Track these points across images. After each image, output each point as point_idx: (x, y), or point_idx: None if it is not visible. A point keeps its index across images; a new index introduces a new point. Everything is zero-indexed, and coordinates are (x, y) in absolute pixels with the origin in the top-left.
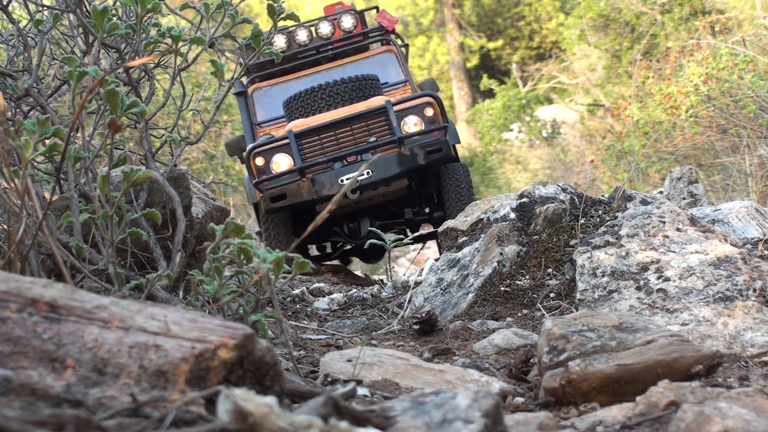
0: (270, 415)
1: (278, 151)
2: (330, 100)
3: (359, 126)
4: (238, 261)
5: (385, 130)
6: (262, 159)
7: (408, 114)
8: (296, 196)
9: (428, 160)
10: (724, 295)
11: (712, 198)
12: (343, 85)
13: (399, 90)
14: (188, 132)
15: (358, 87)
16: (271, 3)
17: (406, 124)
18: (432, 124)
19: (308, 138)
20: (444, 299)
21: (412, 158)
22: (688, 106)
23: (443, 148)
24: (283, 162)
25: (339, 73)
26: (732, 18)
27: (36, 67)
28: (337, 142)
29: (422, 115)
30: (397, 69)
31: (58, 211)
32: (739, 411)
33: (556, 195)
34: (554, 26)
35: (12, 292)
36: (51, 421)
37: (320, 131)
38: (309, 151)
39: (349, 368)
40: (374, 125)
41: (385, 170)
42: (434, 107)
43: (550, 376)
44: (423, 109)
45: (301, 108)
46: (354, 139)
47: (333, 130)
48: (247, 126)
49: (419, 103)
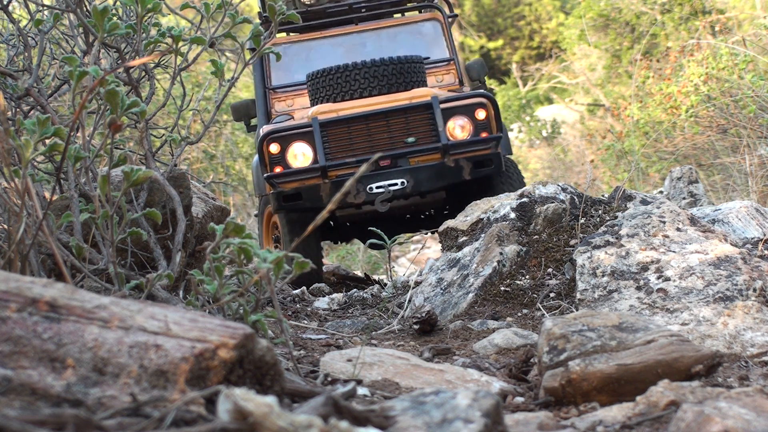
0: (270, 414)
1: (298, 138)
2: (365, 83)
3: (397, 122)
4: (239, 261)
5: (428, 130)
6: (278, 146)
7: (456, 114)
8: (314, 199)
9: (474, 176)
10: (724, 294)
11: (712, 198)
12: (382, 67)
13: (442, 70)
14: (188, 132)
15: (400, 71)
16: (271, 3)
17: (453, 126)
18: (483, 129)
19: (335, 129)
20: (444, 299)
21: (456, 171)
22: (688, 106)
23: (494, 162)
24: (302, 153)
25: (372, 39)
26: (732, 18)
27: (36, 67)
28: (369, 138)
29: (473, 117)
30: (441, 43)
31: (59, 210)
32: (739, 411)
33: (556, 195)
34: (554, 26)
35: (12, 292)
36: (51, 420)
37: (350, 123)
38: (335, 145)
39: (349, 368)
40: (415, 123)
41: (423, 182)
42: (487, 110)
43: (550, 376)
44: (474, 110)
45: (328, 88)
46: (390, 136)
47: (366, 122)
48: (260, 90)
49: (470, 102)
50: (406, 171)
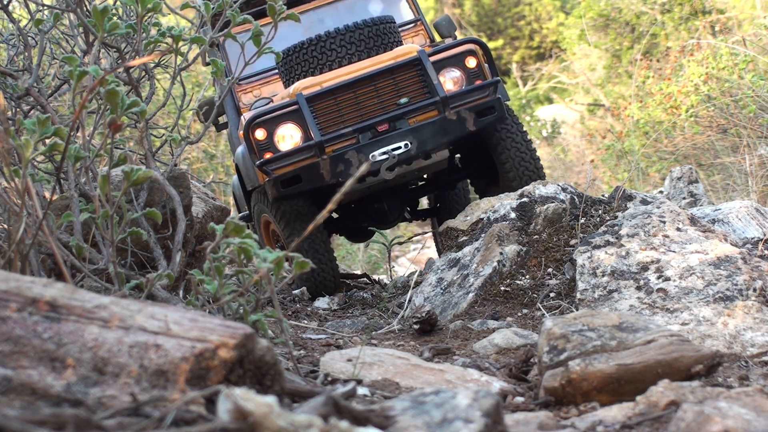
0: (270, 414)
1: (284, 120)
2: (342, 51)
3: (386, 84)
4: (239, 260)
5: (419, 88)
6: (263, 131)
7: (445, 66)
8: (314, 178)
9: (479, 125)
10: (724, 294)
11: (712, 198)
12: (357, 32)
13: (410, 32)
14: (188, 131)
15: (376, 33)
16: (271, 3)
17: (444, 80)
18: (476, 77)
19: (322, 102)
20: (444, 299)
21: (459, 124)
22: (688, 106)
23: (496, 109)
24: (290, 135)
25: (330, 13)
26: (732, 18)
27: (36, 67)
28: (358, 106)
29: (463, 66)
30: (402, 5)
31: (59, 210)
32: (739, 411)
33: (556, 194)
34: (554, 26)
35: (12, 292)
36: (51, 420)
37: (336, 93)
38: (324, 120)
39: (349, 368)
40: (404, 82)
41: (428, 140)
42: (478, 56)
43: (551, 376)
44: (464, 59)
45: (303, 63)
46: (379, 101)
47: (353, 90)
48: None
49: (460, 51)
50: (407, 132)
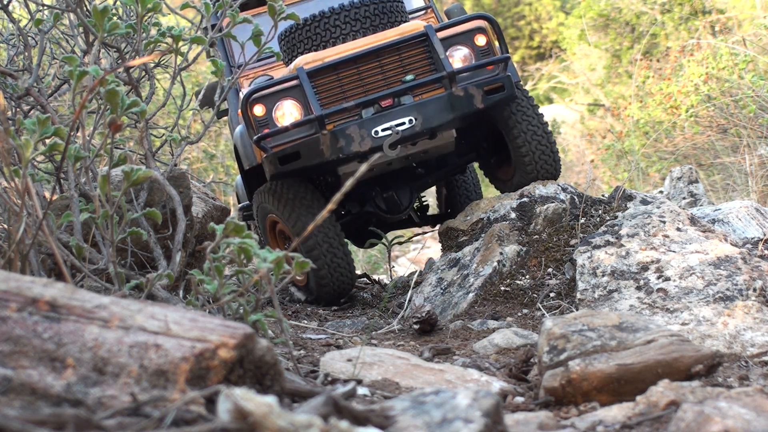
0: (270, 414)
1: (284, 96)
2: (347, 28)
3: (391, 60)
4: (239, 260)
5: (426, 65)
6: (262, 107)
7: (453, 44)
8: (314, 154)
9: (487, 103)
10: (724, 294)
11: (713, 198)
12: (363, 8)
13: (420, 18)
14: (188, 131)
15: (382, 11)
16: (271, 3)
17: (452, 56)
18: (485, 55)
19: (324, 77)
20: (444, 299)
21: (466, 101)
22: (688, 106)
23: (506, 86)
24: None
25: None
26: (732, 18)
27: (36, 67)
28: (362, 83)
29: (473, 44)
30: None
31: (59, 210)
32: (739, 411)
33: (557, 194)
34: (554, 26)
35: (12, 292)
36: (51, 420)
37: (339, 68)
38: (325, 96)
39: (349, 368)
40: (410, 59)
41: (434, 117)
42: (487, 33)
43: (551, 376)
44: (473, 36)
45: (306, 41)
46: (384, 78)
47: (356, 66)
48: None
49: (468, 28)
50: (412, 108)
